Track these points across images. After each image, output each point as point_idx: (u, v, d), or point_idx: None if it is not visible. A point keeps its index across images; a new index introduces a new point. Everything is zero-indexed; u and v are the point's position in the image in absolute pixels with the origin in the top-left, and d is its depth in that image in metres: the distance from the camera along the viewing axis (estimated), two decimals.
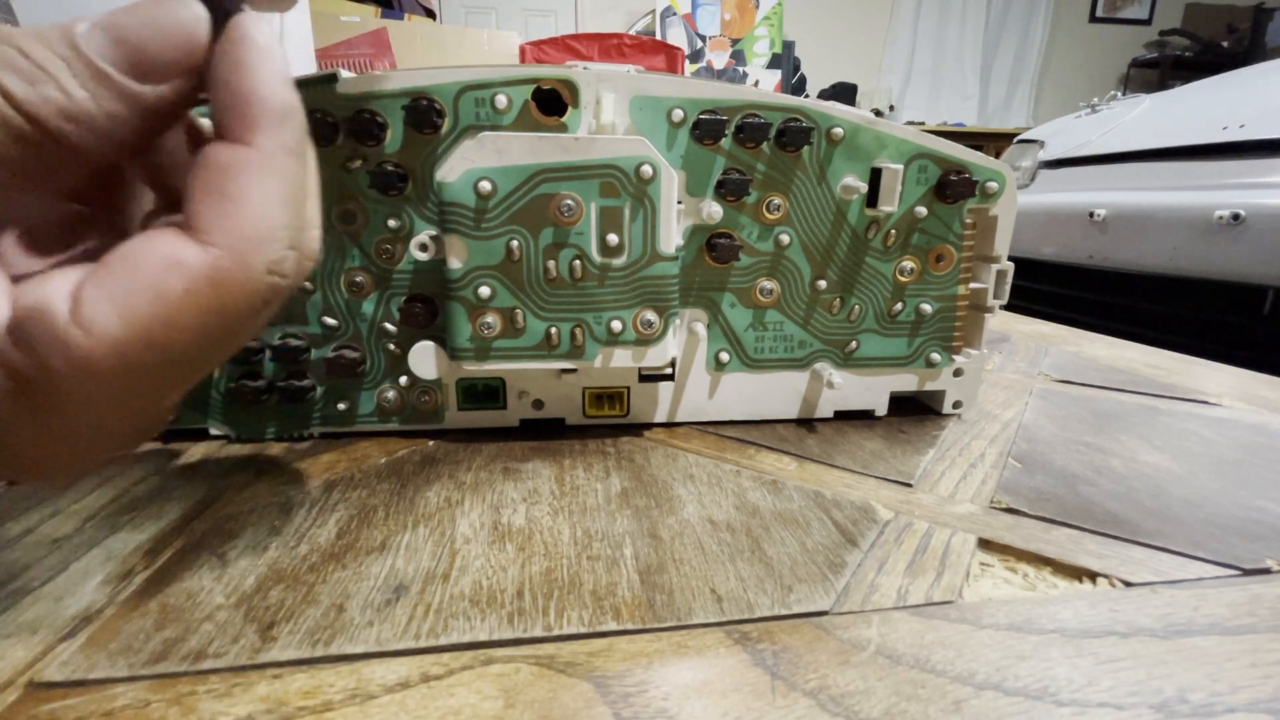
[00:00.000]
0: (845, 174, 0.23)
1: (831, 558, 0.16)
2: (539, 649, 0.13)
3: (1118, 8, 3.25)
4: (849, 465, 0.22)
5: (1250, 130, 0.83)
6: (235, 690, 0.12)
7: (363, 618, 0.14)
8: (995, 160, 0.24)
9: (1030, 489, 0.20)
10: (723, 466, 0.22)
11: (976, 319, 0.25)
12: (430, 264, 0.21)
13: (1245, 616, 0.14)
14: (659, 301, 0.21)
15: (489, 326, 0.21)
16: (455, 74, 0.20)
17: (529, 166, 0.19)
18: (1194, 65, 2.87)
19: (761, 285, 0.23)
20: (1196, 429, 0.26)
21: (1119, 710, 0.12)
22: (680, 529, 0.18)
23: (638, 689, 0.12)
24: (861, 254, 0.24)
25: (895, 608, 0.15)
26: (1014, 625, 0.14)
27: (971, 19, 3.21)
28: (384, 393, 0.23)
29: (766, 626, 0.14)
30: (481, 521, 0.18)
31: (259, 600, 0.14)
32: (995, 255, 0.24)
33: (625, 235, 0.20)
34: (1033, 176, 1.22)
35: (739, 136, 0.22)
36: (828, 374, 0.24)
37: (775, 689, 0.12)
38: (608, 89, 0.21)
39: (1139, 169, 0.98)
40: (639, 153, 0.20)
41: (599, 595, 0.15)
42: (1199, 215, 0.82)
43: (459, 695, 0.12)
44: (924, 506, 0.19)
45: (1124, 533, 0.18)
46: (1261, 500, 0.20)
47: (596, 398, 0.24)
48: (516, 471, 0.21)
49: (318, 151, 0.20)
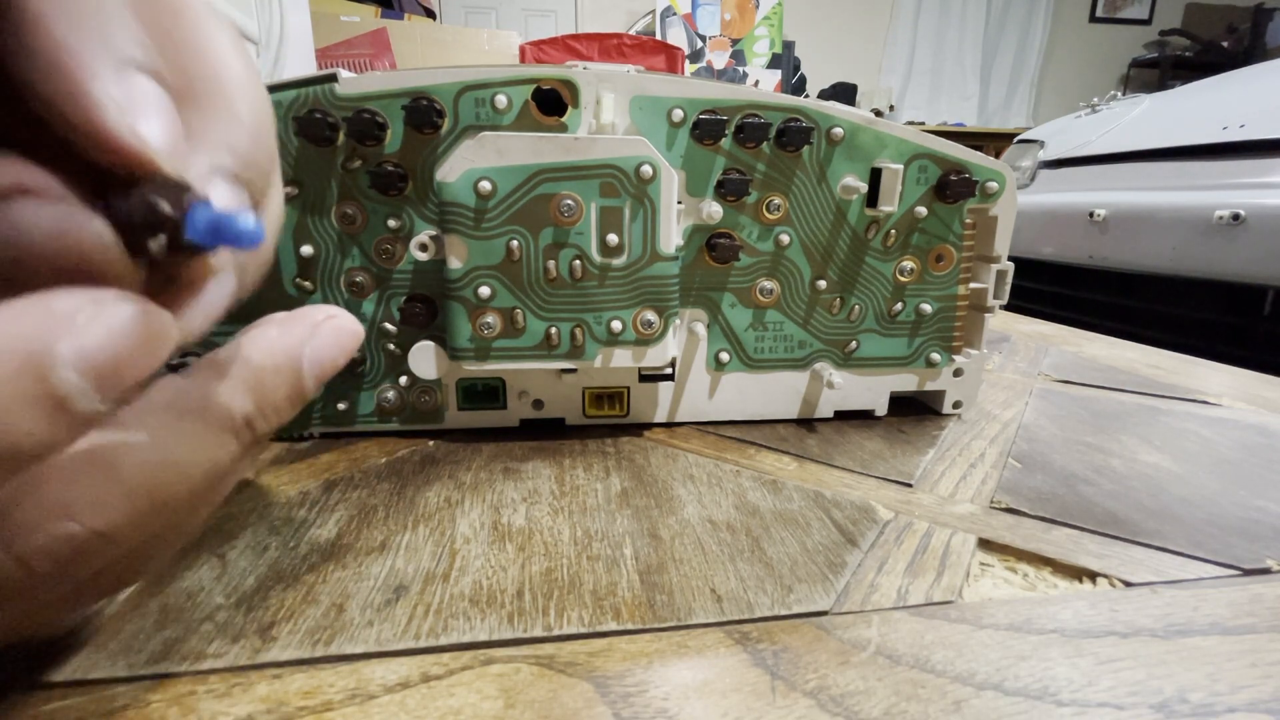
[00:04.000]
0: (845, 174, 0.23)
1: (831, 558, 0.16)
2: (539, 649, 0.13)
3: (1118, 8, 3.25)
4: (849, 465, 0.22)
5: (1250, 130, 0.83)
6: (235, 690, 0.12)
7: (363, 618, 0.14)
8: (995, 160, 0.24)
9: (1030, 489, 0.20)
10: (723, 466, 0.22)
11: (976, 319, 0.25)
12: (430, 264, 0.21)
13: (1245, 616, 0.14)
14: (659, 301, 0.21)
15: (489, 326, 0.21)
16: (455, 74, 0.20)
17: (529, 166, 0.19)
18: (1194, 65, 2.87)
19: (761, 285, 0.23)
20: (1196, 429, 0.26)
21: (1119, 710, 0.12)
22: (680, 529, 0.18)
23: (638, 689, 0.12)
24: (861, 254, 0.24)
25: (895, 608, 0.15)
26: (1014, 625, 0.14)
27: (971, 19, 3.21)
28: (384, 393, 0.23)
29: (766, 626, 0.14)
30: (481, 521, 0.18)
31: (259, 600, 0.14)
32: (995, 255, 0.24)
33: (625, 235, 0.20)
34: (1033, 176, 1.22)
35: (739, 136, 0.22)
36: (828, 374, 0.24)
37: (775, 689, 0.12)
38: (608, 89, 0.21)
39: (1139, 169, 0.98)
40: (639, 153, 0.20)
41: (599, 595, 0.15)
42: (1199, 215, 0.82)
43: (459, 695, 0.12)
44: (924, 506, 0.19)
45: (1124, 533, 0.18)
46: (1261, 500, 0.20)
47: (596, 398, 0.24)
48: (516, 471, 0.21)
49: (318, 151, 0.20)
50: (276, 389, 0.11)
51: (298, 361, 0.11)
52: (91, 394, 0.08)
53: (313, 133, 0.20)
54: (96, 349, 0.08)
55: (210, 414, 0.10)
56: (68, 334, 0.08)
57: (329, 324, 0.12)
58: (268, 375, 0.11)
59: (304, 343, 0.11)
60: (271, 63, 0.99)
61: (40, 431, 0.08)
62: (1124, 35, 3.27)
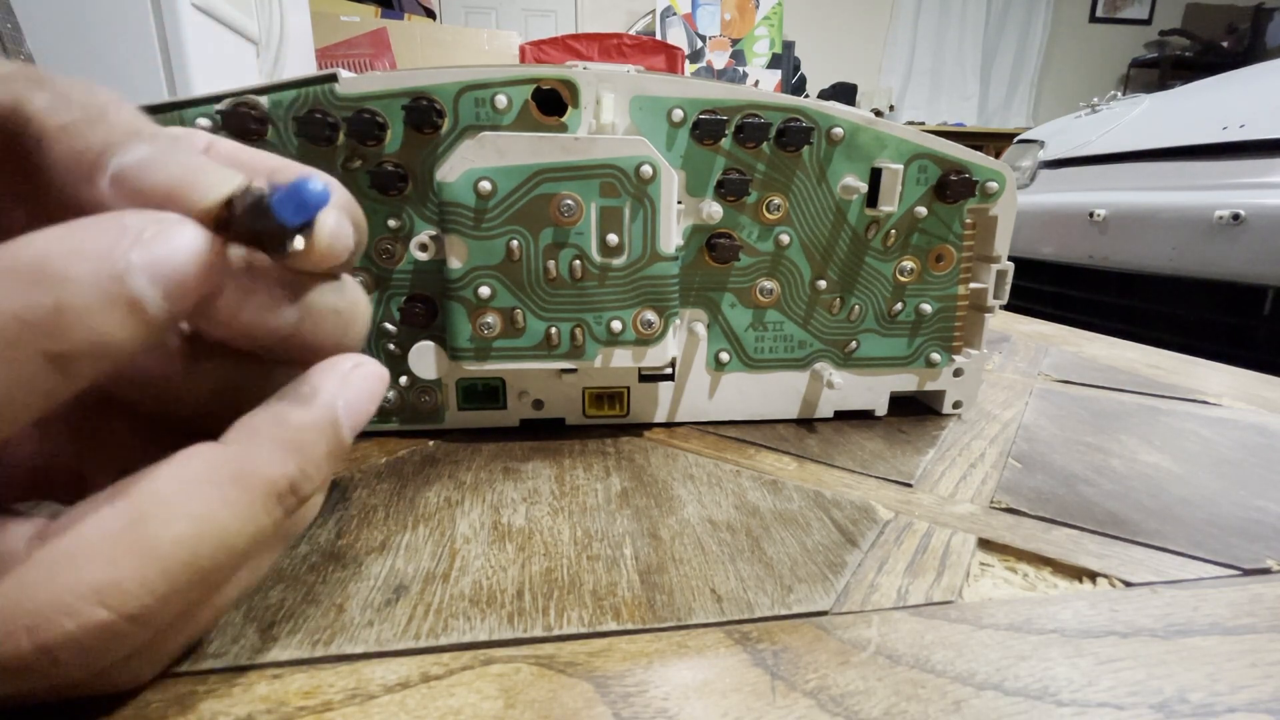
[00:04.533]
0: (845, 174, 0.23)
1: (831, 558, 0.16)
2: (539, 649, 0.13)
3: (1118, 8, 3.25)
4: (849, 465, 0.22)
5: (1250, 130, 0.83)
6: (235, 690, 0.12)
7: (363, 618, 0.14)
8: (995, 160, 0.24)
9: (1030, 489, 0.20)
10: (723, 466, 0.22)
11: (976, 319, 0.25)
12: (430, 264, 0.21)
13: (1245, 616, 0.14)
14: (659, 301, 0.21)
15: (489, 326, 0.21)
16: (455, 74, 0.20)
17: (529, 166, 0.19)
18: (1194, 65, 2.87)
19: (761, 285, 0.23)
20: (1196, 429, 0.26)
21: (1119, 710, 0.12)
22: (680, 529, 0.18)
23: (638, 689, 0.12)
24: (861, 254, 0.24)
25: (895, 608, 0.15)
26: (1014, 625, 0.14)
27: (971, 19, 3.21)
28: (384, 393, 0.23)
29: (766, 626, 0.14)
30: (481, 521, 0.18)
31: (259, 600, 0.14)
32: (995, 255, 0.24)
33: (625, 235, 0.20)
34: (1033, 176, 1.22)
35: (739, 136, 0.22)
36: (828, 374, 0.24)
37: (775, 689, 0.12)
38: (608, 89, 0.21)
39: (1139, 169, 0.98)
40: (639, 153, 0.20)
41: (599, 595, 0.15)
42: (1199, 215, 0.82)
43: (459, 695, 0.12)
44: (924, 506, 0.19)
45: (1124, 533, 0.18)
46: (1261, 500, 0.20)
47: (596, 398, 0.24)
48: (516, 471, 0.21)
49: (318, 152, 0.20)
50: (317, 446, 0.11)
51: (334, 414, 0.11)
52: (160, 300, 0.09)
53: (313, 133, 0.20)
54: (164, 259, 0.09)
55: (252, 480, 0.10)
56: (138, 245, 0.09)
57: (357, 373, 0.12)
58: (307, 434, 0.11)
59: (338, 395, 0.11)
60: (271, 63, 0.99)
61: (120, 332, 0.08)
62: (1124, 35, 3.27)
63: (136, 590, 0.09)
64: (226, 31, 0.84)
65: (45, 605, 0.08)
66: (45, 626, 0.08)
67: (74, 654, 0.09)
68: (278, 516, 0.10)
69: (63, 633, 0.08)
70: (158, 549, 0.09)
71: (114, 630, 0.09)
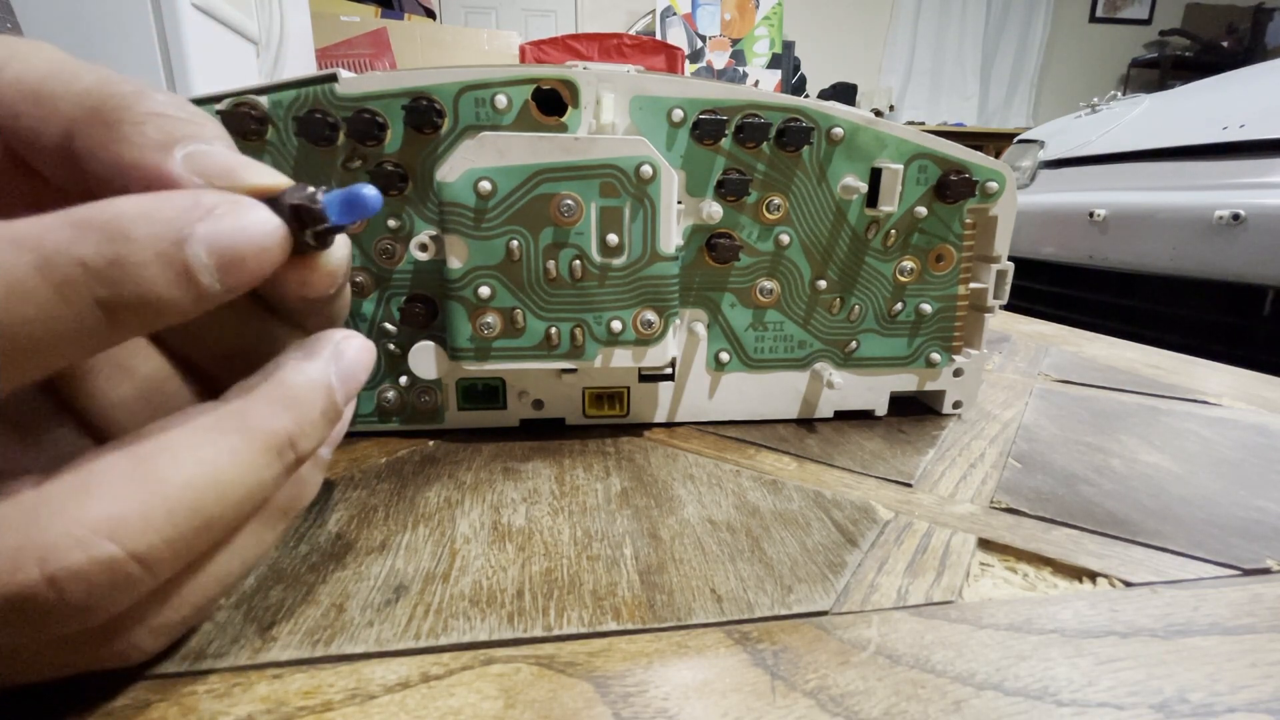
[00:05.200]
0: (845, 174, 0.23)
1: (831, 558, 0.16)
2: (539, 649, 0.13)
3: (1118, 8, 3.25)
4: (849, 465, 0.22)
5: (1250, 130, 0.83)
6: (235, 690, 0.12)
7: (363, 618, 0.14)
8: (995, 160, 0.24)
9: (1030, 489, 0.20)
10: (723, 466, 0.22)
11: (976, 319, 0.25)
12: (430, 264, 0.21)
13: (1245, 616, 0.14)
14: (659, 301, 0.21)
15: (489, 326, 0.21)
16: (455, 74, 0.20)
17: (529, 166, 0.19)
18: (1194, 65, 2.88)
19: (761, 285, 0.23)
20: (1196, 429, 0.26)
21: (1119, 710, 0.12)
22: (680, 529, 0.18)
23: (638, 689, 0.12)
24: (861, 254, 0.24)
25: (895, 608, 0.15)
26: (1014, 625, 0.14)
27: (971, 19, 3.21)
28: (384, 393, 0.23)
29: (766, 626, 0.14)
30: (481, 521, 0.18)
31: (259, 600, 0.14)
32: (995, 255, 0.24)
33: (625, 235, 0.20)
34: (1033, 176, 1.22)
35: (739, 136, 0.22)
36: (828, 374, 0.24)
37: (775, 689, 0.12)
38: (608, 89, 0.21)
39: (1139, 169, 0.98)
40: (639, 153, 0.20)
41: (599, 595, 0.15)
42: (1199, 215, 0.82)
43: (459, 695, 0.12)
44: (924, 506, 0.19)
45: (1124, 533, 0.18)
46: (1261, 500, 0.20)
47: (596, 398, 0.24)
48: (516, 471, 0.21)
49: (318, 152, 0.20)
50: (313, 405, 0.11)
51: (329, 378, 0.12)
52: (214, 272, 0.09)
53: (313, 133, 0.20)
54: (227, 236, 0.10)
55: (253, 431, 0.11)
56: (206, 218, 0.09)
57: (348, 343, 0.12)
58: (302, 392, 0.11)
59: (331, 361, 0.12)
60: (271, 63, 0.99)
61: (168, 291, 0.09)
62: (1124, 35, 3.27)
63: (143, 527, 0.09)
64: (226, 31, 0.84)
65: (57, 535, 0.09)
66: (55, 557, 0.09)
67: (81, 591, 0.09)
68: (278, 470, 0.11)
69: (72, 563, 0.09)
70: (165, 489, 0.09)
71: (121, 569, 0.09)
